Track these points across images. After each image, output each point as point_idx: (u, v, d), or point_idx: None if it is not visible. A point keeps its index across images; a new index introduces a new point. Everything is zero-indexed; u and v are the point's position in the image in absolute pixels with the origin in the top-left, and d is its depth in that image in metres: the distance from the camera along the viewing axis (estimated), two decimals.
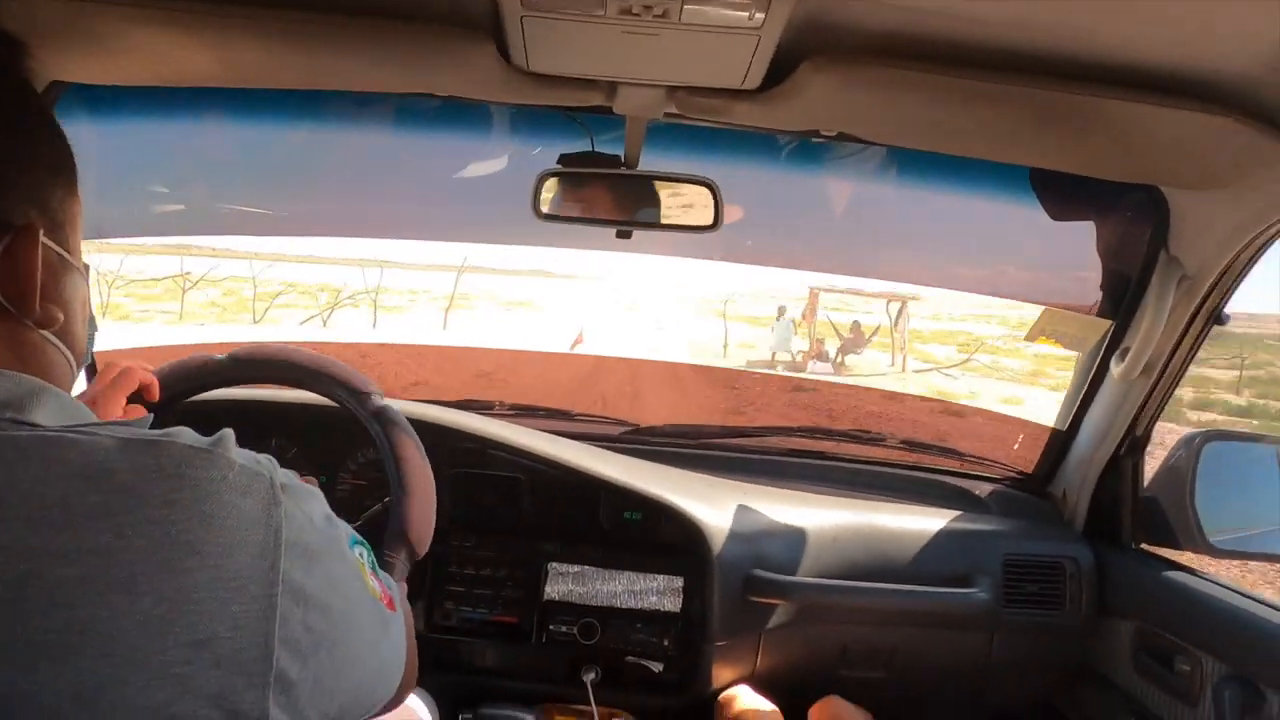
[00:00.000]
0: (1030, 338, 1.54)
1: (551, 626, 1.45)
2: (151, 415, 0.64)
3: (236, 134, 1.60)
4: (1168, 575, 1.44)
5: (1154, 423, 1.49)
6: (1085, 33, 0.92)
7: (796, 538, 1.50)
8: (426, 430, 1.18)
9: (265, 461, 0.54)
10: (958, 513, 1.61)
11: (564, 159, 1.23)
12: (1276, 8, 0.80)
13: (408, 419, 1.08)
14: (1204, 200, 1.21)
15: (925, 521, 1.57)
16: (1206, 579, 1.42)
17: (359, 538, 0.65)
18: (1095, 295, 1.53)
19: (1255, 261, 1.22)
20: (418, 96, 1.18)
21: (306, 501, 0.56)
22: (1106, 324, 1.47)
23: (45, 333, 0.57)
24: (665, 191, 1.22)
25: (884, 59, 0.95)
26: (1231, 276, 1.26)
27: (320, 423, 1.48)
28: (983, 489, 1.77)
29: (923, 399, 12.92)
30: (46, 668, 0.42)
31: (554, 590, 1.46)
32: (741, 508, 1.51)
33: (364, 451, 1.51)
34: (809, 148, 1.43)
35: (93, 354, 0.72)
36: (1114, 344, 1.46)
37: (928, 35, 0.94)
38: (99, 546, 0.45)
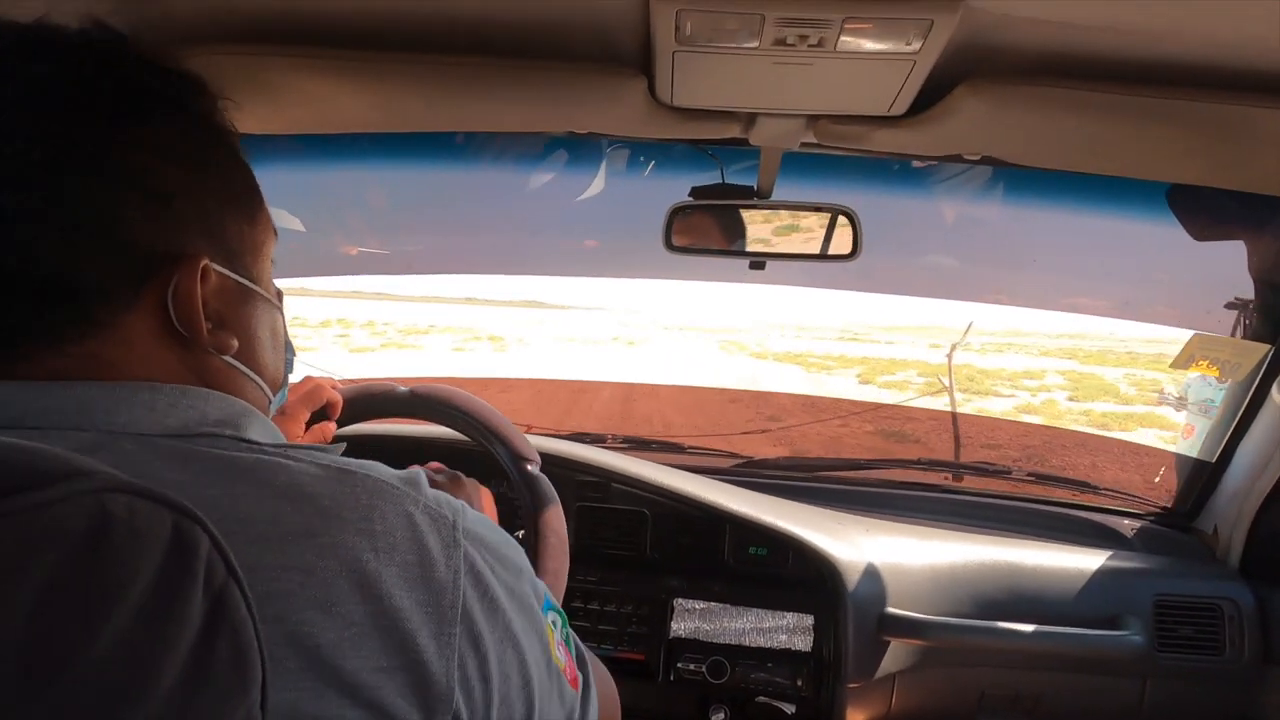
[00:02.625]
0: (1178, 365, 1.46)
1: (679, 665, 1.42)
2: (345, 444, 0.64)
3: (365, 177, 1.66)
4: None
5: None
6: (1249, 42, 0.88)
7: (929, 575, 1.45)
8: (551, 462, 1.19)
9: (455, 505, 0.55)
10: (1099, 549, 1.53)
11: (695, 191, 1.23)
12: None
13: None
14: None
15: (1065, 558, 1.49)
16: None
17: (555, 604, 0.64)
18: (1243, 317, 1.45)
19: None
20: (551, 136, 1.21)
21: (496, 552, 0.56)
22: (1265, 348, 1.38)
23: (229, 359, 0.58)
24: (801, 221, 1.21)
25: (1041, 78, 0.93)
26: None
27: (449, 458, 1.50)
28: (1122, 524, 1.67)
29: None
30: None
31: (680, 627, 1.44)
32: (870, 543, 1.47)
33: (493, 483, 1.52)
34: (938, 171, 1.40)
35: (288, 379, 0.72)
36: (1274, 369, 1.37)
37: (1087, 52, 0.91)
38: (301, 565, 0.47)
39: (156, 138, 0.54)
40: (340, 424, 1.04)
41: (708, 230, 1.24)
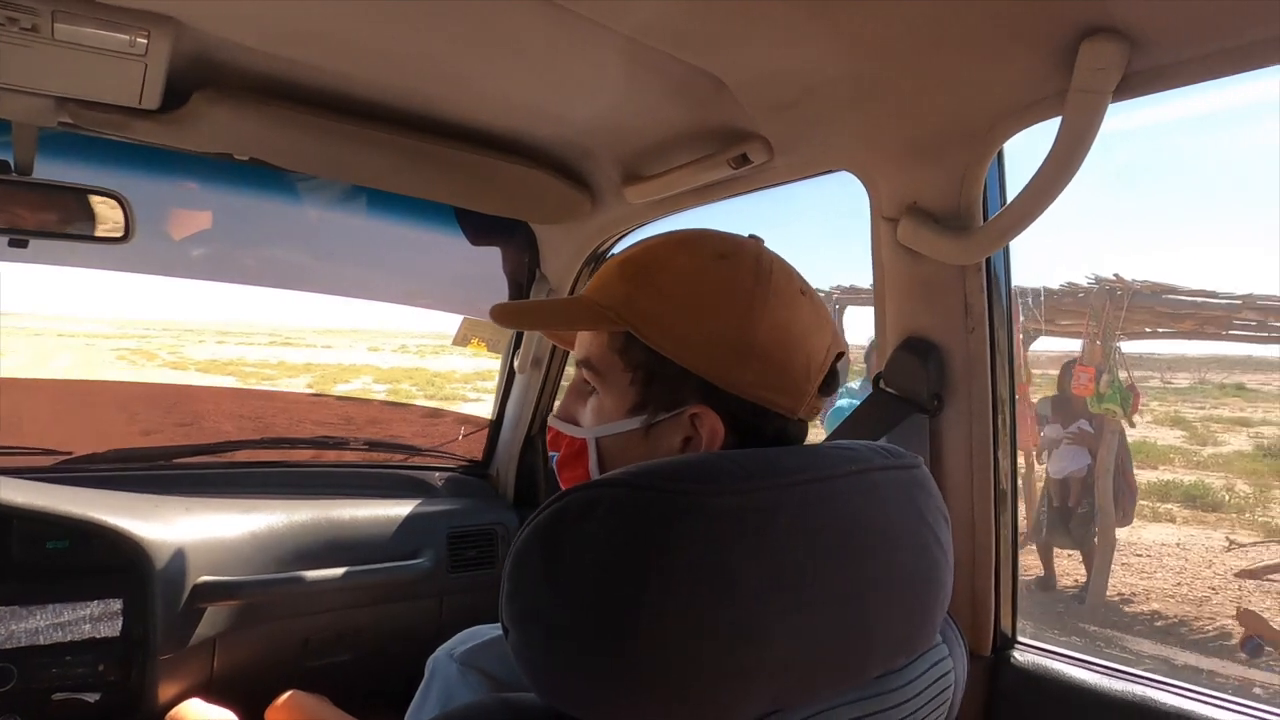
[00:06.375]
0: (458, 342, 1.85)
1: None
2: None
3: None
4: None
5: (551, 405, 1.91)
6: (438, 98, 1.19)
7: (250, 541, 1.56)
8: None
9: None
10: (410, 500, 1.84)
11: None
12: (560, 96, 1.15)
13: None
14: (553, 232, 1.62)
15: (379, 510, 1.76)
16: None
17: None
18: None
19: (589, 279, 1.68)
20: None
21: None
22: (511, 332, 1.84)
23: None
24: (70, 202, 1.20)
25: (268, 97, 1.11)
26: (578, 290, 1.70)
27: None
28: (434, 477, 2.03)
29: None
30: None
31: None
32: (189, 520, 1.52)
33: None
34: (242, 169, 1.51)
35: None
36: (517, 345, 1.83)
37: (302, 82, 1.12)
38: None
39: None
40: None
41: None
